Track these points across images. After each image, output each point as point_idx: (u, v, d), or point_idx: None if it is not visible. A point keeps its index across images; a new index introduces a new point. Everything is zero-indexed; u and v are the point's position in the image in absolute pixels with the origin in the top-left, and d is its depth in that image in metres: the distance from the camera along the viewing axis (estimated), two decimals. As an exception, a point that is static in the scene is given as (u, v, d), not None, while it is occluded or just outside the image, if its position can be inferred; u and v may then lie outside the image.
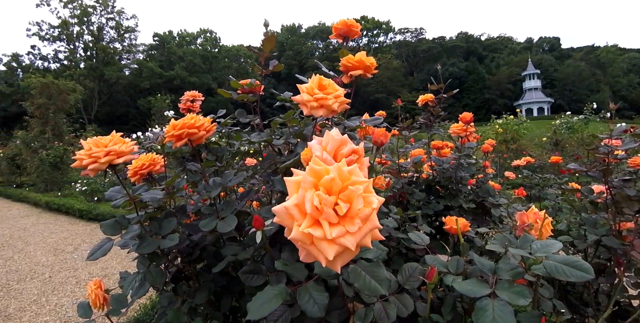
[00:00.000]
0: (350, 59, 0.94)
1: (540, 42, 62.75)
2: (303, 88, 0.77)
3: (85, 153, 0.75)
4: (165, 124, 7.48)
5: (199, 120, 0.87)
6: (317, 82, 0.78)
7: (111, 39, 33.48)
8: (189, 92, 1.44)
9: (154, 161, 1.03)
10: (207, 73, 36.50)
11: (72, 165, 0.75)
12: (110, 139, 0.79)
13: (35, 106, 11.05)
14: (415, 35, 61.83)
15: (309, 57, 49.30)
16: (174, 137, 0.85)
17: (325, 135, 0.59)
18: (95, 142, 0.78)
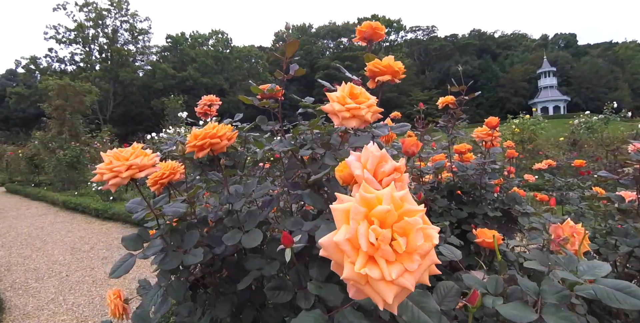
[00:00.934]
0: (378, 64, 0.89)
1: (556, 39, 61.27)
2: (333, 97, 0.72)
3: (106, 167, 0.71)
4: (179, 125, 7.53)
5: (221, 129, 0.84)
6: (349, 91, 0.73)
7: (125, 41, 34.08)
8: (207, 96, 1.42)
9: (174, 170, 1.00)
10: (218, 74, 36.82)
11: (92, 180, 0.73)
12: (131, 151, 0.75)
13: (52, 107, 11.31)
14: (427, 33, 61.13)
15: (319, 57, 49.32)
16: (196, 147, 0.82)
17: (363, 151, 0.56)
18: (116, 155, 0.74)
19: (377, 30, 1.01)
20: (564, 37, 60.78)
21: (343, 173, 0.60)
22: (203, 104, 1.37)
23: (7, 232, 5.12)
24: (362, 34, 1.03)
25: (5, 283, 3.09)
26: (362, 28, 1.02)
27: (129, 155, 0.74)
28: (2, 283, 3.09)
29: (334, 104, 0.71)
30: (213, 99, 1.39)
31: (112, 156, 0.74)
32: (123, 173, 0.71)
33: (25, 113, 29.81)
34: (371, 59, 0.96)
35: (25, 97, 28.90)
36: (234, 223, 0.80)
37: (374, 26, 1.02)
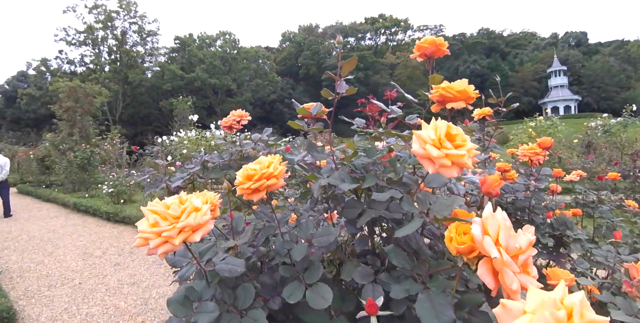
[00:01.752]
0: (451, 88, 0.78)
1: (566, 37, 60.22)
2: (426, 138, 0.59)
3: (152, 230, 0.57)
4: (189, 128, 7.47)
5: (277, 167, 0.72)
6: (445, 131, 0.60)
7: (134, 43, 34.26)
8: (236, 111, 1.34)
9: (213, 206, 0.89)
10: (226, 74, 36.85)
11: (134, 246, 0.59)
12: (181, 207, 0.60)
13: (63, 109, 11.38)
14: (435, 33, 60.59)
15: (326, 57, 49.14)
16: (250, 190, 0.70)
17: (488, 218, 0.46)
18: (163, 214, 0.59)
19: (440, 47, 0.91)
20: (575, 35, 59.71)
21: (463, 247, 0.50)
22: (232, 120, 1.28)
23: (19, 235, 5.11)
24: (423, 50, 0.92)
25: (19, 291, 3.04)
26: (424, 44, 0.92)
27: (179, 213, 0.59)
28: (15, 291, 3.04)
29: (429, 147, 0.58)
30: (243, 115, 1.30)
31: (158, 214, 0.59)
32: (175, 238, 0.56)
33: (36, 114, 30.18)
34: (438, 80, 0.87)
35: (36, 98, 29.25)
36: (292, 274, 0.68)
37: (438, 42, 0.91)
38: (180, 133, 6.53)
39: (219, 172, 1.25)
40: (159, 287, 3.08)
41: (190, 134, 6.19)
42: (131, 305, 2.76)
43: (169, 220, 0.58)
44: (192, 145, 5.86)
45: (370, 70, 48.72)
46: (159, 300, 2.81)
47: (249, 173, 0.70)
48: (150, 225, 0.58)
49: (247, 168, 0.72)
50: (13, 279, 3.33)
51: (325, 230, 0.72)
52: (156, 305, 2.74)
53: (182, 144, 6.09)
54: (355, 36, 55.10)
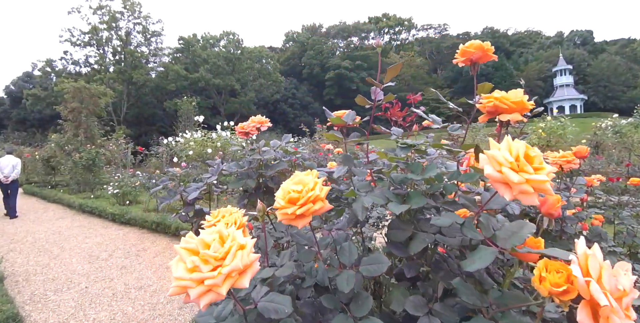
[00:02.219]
0: (506, 98, 0.72)
1: (572, 36, 59.68)
2: (501, 160, 0.53)
3: (192, 278, 0.47)
4: (194, 128, 7.42)
5: (322, 188, 0.63)
6: (524, 152, 0.54)
7: (138, 43, 34.32)
8: (256, 117, 1.28)
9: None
10: (230, 74, 36.84)
11: (169, 295, 0.48)
12: (224, 245, 0.49)
13: (68, 110, 11.39)
14: (439, 32, 60.36)
15: (330, 57, 49.04)
16: (293, 215, 0.61)
17: (589, 257, 0.40)
18: (204, 256, 0.48)
19: (487, 52, 0.85)
20: (580, 33, 59.15)
21: (559, 290, 0.44)
22: (252, 126, 1.21)
23: (25, 237, 5.08)
24: (469, 55, 0.86)
25: (24, 295, 2.99)
26: (470, 48, 0.86)
27: (222, 254, 0.48)
28: (21, 295, 2.99)
29: (506, 171, 0.51)
30: (263, 121, 1.23)
31: (196, 254, 0.49)
32: (222, 287, 0.47)
33: (42, 114, 30.36)
34: (487, 89, 0.81)
35: (42, 99, 29.41)
36: (335, 304, 0.60)
37: (485, 48, 0.85)
38: (186, 134, 6.48)
39: (237, 183, 1.18)
40: (166, 291, 3.02)
41: (196, 135, 6.13)
42: (139, 310, 2.70)
43: (210, 264, 0.48)
44: (198, 147, 5.80)
45: (374, 70, 48.55)
46: (167, 306, 2.75)
47: (292, 196, 0.61)
48: (188, 270, 0.48)
49: (288, 190, 0.63)
50: (19, 283, 3.28)
51: (375, 258, 0.63)
52: (164, 310, 2.68)
53: (188, 145, 6.03)
54: (359, 36, 54.98)
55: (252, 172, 1.21)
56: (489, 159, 0.54)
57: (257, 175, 1.22)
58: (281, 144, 1.27)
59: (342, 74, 45.69)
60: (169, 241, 4.73)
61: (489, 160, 0.54)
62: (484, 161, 0.56)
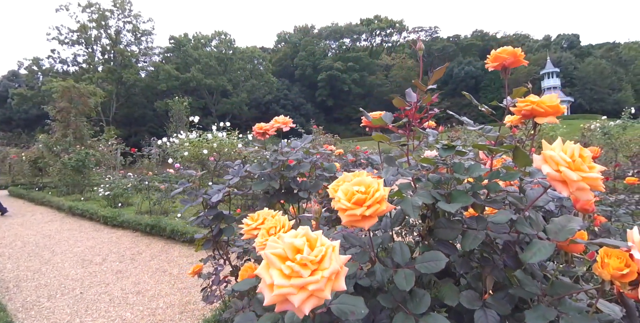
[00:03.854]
0: (543, 103, 0.78)
1: (559, 40, 60.97)
2: (559, 159, 0.57)
3: (292, 284, 0.45)
4: (185, 128, 7.34)
5: (385, 188, 0.62)
6: (579, 152, 0.58)
7: (128, 42, 33.80)
8: (280, 118, 1.25)
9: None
10: (222, 75, 36.55)
11: (266, 304, 0.46)
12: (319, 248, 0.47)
13: (57, 110, 11.14)
14: (430, 34, 60.92)
15: (322, 58, 49.04)
16: (360, 217, 0.60)
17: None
18: (302, 261, 0.46)
19: (518, 58, 0.91)
20: (567, 37, 60.48)
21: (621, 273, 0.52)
22: (277, 127, 1.18)
23: (14, 241, 4.92)
24: (502, 60, 0.91)
25: (16, 302, 2.88)
26: (502, 54, 0.90)
27: (320, 257, 0.46)
28: (13, 302, 2.88)
29: (564, 170, 0.56)
30: (287, 122, 1.21)
31: (296, 262, 0.47)
32: (325, 291, 0.45)
33: (28, 114, 29.67)
34: (521, 92, 0.88)
35: (28, 98, 28.74)
36: (392, 303, 0.59)
37: (517, 53, 0.90)
38: (180, 134, 6.36)
39: (261, 184, 1.15)
40: (165, 296, 2.95)
41: (192, 135, 6.02)
42: (138, 316, 2.62)
43: (309, 268, 0.46)
44: (194, 148, 5.70)
45: (366, 71, 48.77)
46: (167, 311, 2.68)
47: (359, 197, 0.59)
48: (286, 277, 0.46)
49: (353, 192, 0.60)
50: (9, 289, 3.17)
51: (433, 255, 0.63)
52: (164, 315, 2.61)
53: (183, 146, 5.92)
54: (351, 37, 55.16)
55: (275, 174, 1.18)
56: (546, 159, 0.58)
57: (279, 176, 1.19)
58: (302, 145, 1.24)
59: (334, 75, 45.74)
60: (164, 244, 4.64)
61: (547, 161, 0.58)
62: (539, 161, 0.59)
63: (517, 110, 0.83)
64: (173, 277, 3.38)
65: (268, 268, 0.48)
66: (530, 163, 0.75)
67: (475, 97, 2.02)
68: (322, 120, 39.78)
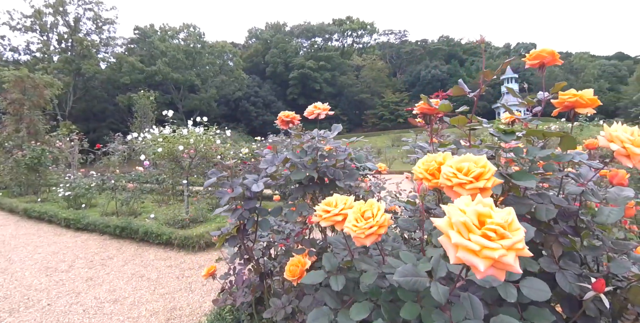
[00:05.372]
0: (584, 96, 0.89)
1: (518, 48, 64.66)
2: (623, 138, 0.68)
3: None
4: (151, 124, 6.97)
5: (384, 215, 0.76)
6: (638, 132, 0.70)
7: (88, 31, 31.56)
8: (319, 104, 1.26)
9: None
10: (190, 69, 35.22)
11: (483, 271, 0.48)
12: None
13: (8, 101, 10.22)
14: (399, 37, 62.47)
15: (294, 56, 48.66)
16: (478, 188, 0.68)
17: None
18: (502, 228, 0.51)
19: (555, 57, 1.01)
20: (525, 46, 64.28)
21: None
22: (318, 113, 1.18)
23: (-38, 248, 4.44)
24: (542, 59, 1.01)
25: (-28, 318, 2.59)
26: (542, 53, 1.01)
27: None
28: (-31, 318, 2.58)
29: (629, 146, 0.67)
30: (327, 108, 1.27)
31: (494, 224, 0.51)
32: (524, 249, 0.50)
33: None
34: (560, 87, 0.97)
35: (-29, 89, 26.18)
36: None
37: (555, 53, 1.00)
38: (152, 130, 5.98)
39: (299, 173, 1.13)
40: (147, 302, 2.77)
41: (165, 131, 5.66)
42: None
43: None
44: (168, 144, 5.37)
45: (337, 71, 49.04)
46: (150, 319, 2.51)
47: (480, 171, 0.67)
48: (487, 238, 0.50)
49: (468, 167, 0.68)
50: (-38, 302, 2.84)
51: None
52: (146, 327, 2.45)
53: (157, 142, 5.55)
54: (323, 37, 55.22)
55: (311, 164, 1.16)
56: (613, 139, 0.71)
57: (315, 166, 1.16)
58: (333, 134, 1.21)
59: (306, 74, 45.59)
60: (137, 247, 4.38)
61: (614, 139, 0.70)
62: (604, 141, 0.72)
63: (559, 102, 0.92)
64: (152, 282, 3.19)
65: (461, 234, 0.52)
66: (575, 148, 0.92)
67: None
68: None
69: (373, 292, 0.83)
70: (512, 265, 0.49)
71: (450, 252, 0.51)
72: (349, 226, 0.75)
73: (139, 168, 7.60)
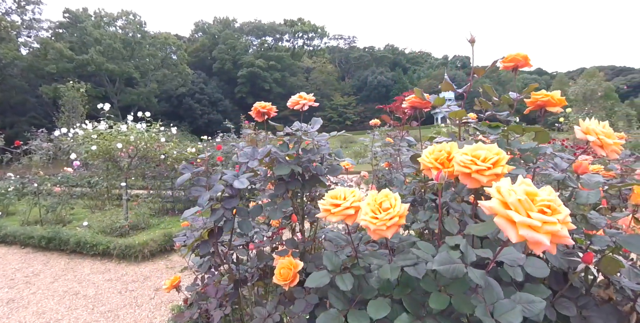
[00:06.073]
0: (554, 96, 1.02)
1: (454, 60, 70.22)
2: (597, 130, 0.81)
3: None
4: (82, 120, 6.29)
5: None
6: (607, 126, 0.82)
7: (7, 10, 27.66)
8: (304, 94, 1.25)
9: None
10: (128, 60, 32.62)
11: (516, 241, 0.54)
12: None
13: None
14: (348, 43, 64.26)
15: (243, 53, 47.49)
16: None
17: None
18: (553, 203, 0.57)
19: (527, 61, 1.12)
20: (461, 58, 70.05)
21: None
22: (303, 104, 1.22)
23: None
24: (517, 62, 1.12)
25: None
26: (517, 56, 1.11)
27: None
28: None
29: (603, 138, 0.79)
30: (312, 99, 1.24)
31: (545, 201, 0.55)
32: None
33: None
34: (533, 88, 1.10)
35: None
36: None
37: (527, 58, 1.11)
38: (85, 125, 5.36)
39: (283, 168, 1.11)
40: (82, 326, 2.56)
41: (100, 126, 5.09)
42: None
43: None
44: (104, 141, 4.87)
45: (287, 72, 48.95)
46: (86, 346, 2.34)
47: (497, 159, 0.72)
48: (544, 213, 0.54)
49: (485, 155, 0.73)
50: None
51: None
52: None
53: (90, 139, 4.98)
54: (274, 36, 54.77)
55: (293, 159, 1.18)
56: (589, 131, 0.81)
57: (298, 161, 1.16)
58: (315, 128, 1.23)
59: (255, 73, 44.79)
60: (68, 260, 3.99)
61: (590, 132, 0.81)
62: (581, 133, 0.83)
63: (531, 101, 1.05)
64: (90, 300, 2.94)
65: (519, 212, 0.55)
66: (548, 141, 1.03)
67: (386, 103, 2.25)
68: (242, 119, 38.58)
69: (384, 287, 0.81)
70: (567, 237, 0.53)
71: (509, 231, 0.55)
72: (367, 219, 0.73)
73: (67, 169, 6.90)
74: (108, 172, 6.24)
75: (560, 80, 37.07)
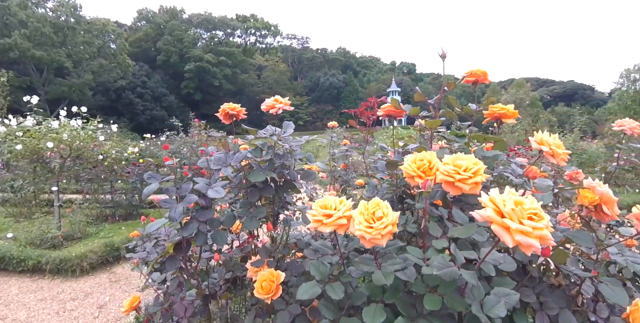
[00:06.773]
0: (509, 109, 1.13)
1: (401, 66, 73.90)
2: (550, 142, 0.89)
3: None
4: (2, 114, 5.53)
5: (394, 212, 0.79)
6: (554, 137, 0.91)
7: None
8: (278, 97, 1.22)
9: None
10: (59, 47, 29.33)
11: (512, 245, 0.62)
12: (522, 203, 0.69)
13: None
14: (302, 43, 64.38)
15: (191, 47, 45.18)
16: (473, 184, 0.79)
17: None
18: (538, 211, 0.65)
19: (486, 77, 1.19)
20: (407, 65, 73.98)
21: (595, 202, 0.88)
22: (279, 107, 1.19)
23: None
24: (477, 77, 1.19)
25: None
26: (477, 72, 1.18)
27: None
28: None
29: (555, 148, 0.87)
30: (287, 103, 1.22)
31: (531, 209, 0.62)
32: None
33: None
34: (491, 101, 1.20)
35: None
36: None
37: (486, 74, 1.18)
38: (8, 120, 4.67)
39: (258, 174, 1.07)
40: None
41: (27, 122, 4.47)
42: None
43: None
44: (31, 140, 4.29)
45: (239, 69, 47.62)
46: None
47: (477, 168, 0.78)
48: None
49: (466, 165, 0.78)
50: None
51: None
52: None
53: (14, 136, 4.35)
54: (225, 31, 52.95)
55: (266, 164, 1.15)
56: (543, 142, 0.89)
57: (272, 166, 1.13)
58: (289, 132, 1.21)
59: (204, 68, 42.88)
60: (26, 283, 3.34)
61: (544, 143, 0.89)
62: (536, 144, 0.91)
63: (489, 113, 1.15)
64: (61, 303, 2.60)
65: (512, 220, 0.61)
66: (505, 149, 1.14)
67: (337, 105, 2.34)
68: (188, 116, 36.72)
69: (375, 292, 0.82)
70: (552, 239, 0.60)
71: (506, 237, 0.60)
72: (362, 228, 0.72)
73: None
74: (35, 175, 5.54)
75: (494, 89, 40.74)
